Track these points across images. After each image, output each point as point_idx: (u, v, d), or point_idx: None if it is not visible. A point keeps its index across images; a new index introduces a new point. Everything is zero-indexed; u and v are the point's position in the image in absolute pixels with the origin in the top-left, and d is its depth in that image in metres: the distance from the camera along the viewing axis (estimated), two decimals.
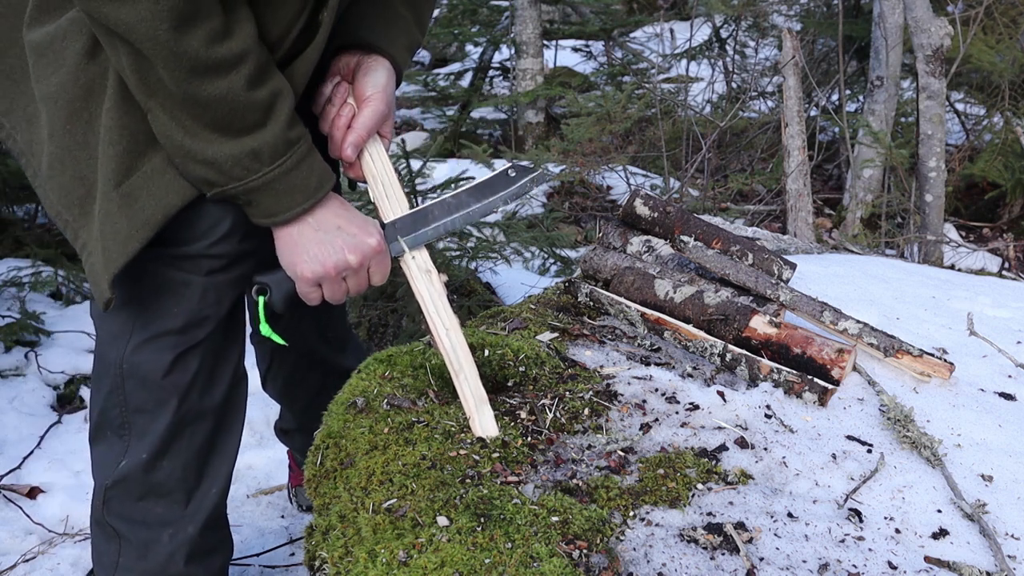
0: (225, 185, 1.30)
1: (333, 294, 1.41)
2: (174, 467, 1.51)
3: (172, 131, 1.26)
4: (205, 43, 1.20)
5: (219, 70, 1.22)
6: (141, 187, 1.32)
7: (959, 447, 1.47)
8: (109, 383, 1.49)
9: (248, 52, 1.25)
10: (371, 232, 1.40)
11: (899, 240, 4.01)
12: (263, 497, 2.51)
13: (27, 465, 2.61)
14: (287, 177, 1.31)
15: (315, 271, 1.37)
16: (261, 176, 1.30)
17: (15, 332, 3.18)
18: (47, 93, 1.33)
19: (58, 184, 1.35)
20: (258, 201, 1.32)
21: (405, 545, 1.19)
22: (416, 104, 6.70)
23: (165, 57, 1.18)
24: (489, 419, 1.40)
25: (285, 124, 1.30)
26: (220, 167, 1.28)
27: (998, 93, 5.02)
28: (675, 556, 1.18)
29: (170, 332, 1.45)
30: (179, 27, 1.17)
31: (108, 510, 1.53)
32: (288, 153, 1.30)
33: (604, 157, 4.75)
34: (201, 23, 1.19)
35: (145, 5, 1.15)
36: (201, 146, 1.26)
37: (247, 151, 1.27)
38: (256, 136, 1.27)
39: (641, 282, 1.77)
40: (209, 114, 1.24)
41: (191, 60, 1.19)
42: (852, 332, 1.67)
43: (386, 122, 1.50)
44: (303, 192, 1.33)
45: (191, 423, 1.51)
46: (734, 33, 5.95)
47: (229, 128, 1.26)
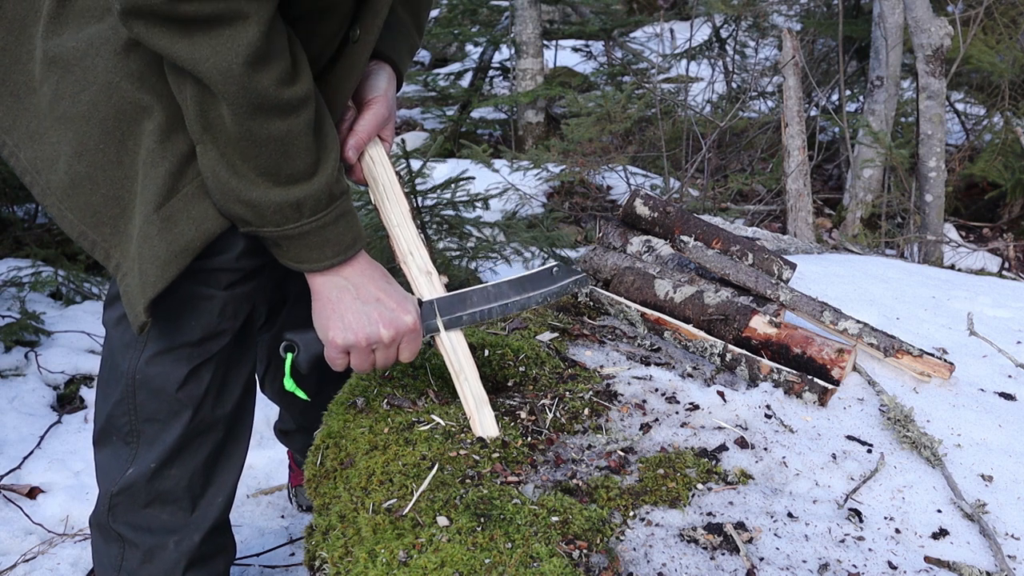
0: (260, 227, 1.29)
1: (359, 364, 1.39)
2: (181, 476, 1.51)
3: (220, 169, 1.25)
4: (275, 83, 1.19)
5: (283, 111, 1.22)
6: (181, 210, 1.30)
7: (959, 447, 1.47)
8: (119, 391, 1.47)
9: (310, 97, 1.25)
10: (408, 309, 1.38)
11: (899, 240, 4.01)
12: (263, 497, 2.51)
13: (27, 465, 2.61)
14: (323, 231, 1.30)
15: (347, 339, 1.35)
16: (298, 226, 1.29)
17: (15, 332, 3.18)
18: (76, 112, 1.30)
19: (85, 203, 1.33)
20: (288, 247, 1.31)
21: (405, 545, 1.19)
22: (416, 104, 6.71)
23: (235, 93, 1.17)
24: (489, 419, 1.40)
25: (331, 178, 1.29)
26: (260, 211, 1.27)
27: (998, 93, 5.02)
28: (675, 556, 1.18)
29: (186, 345, 1.43)
30: (254, 65, 1.16)
31: (113, 517, 1.53)
32: (329, 208, 1.30)
33: (604, 157, 4.76)
34: (274, 63, 1.19)
35: (222, 42, 1.14)
36: (246, 188, 1.25)
37: (291, 201, 1.26)
38: (303, 187, 1.27)
39: (641, 282, 1.77)
40: (263, 157, 1.23)
41: (259, 98, 1.19)
42: (852, 332, 1.67)
43: (387, 125, 1.50)
44: (335, 247, 1.32)
45: (202, 433, 1.50)
46: (734, 33, 5.95)
47: (278, 175, 1.25)
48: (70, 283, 3.62)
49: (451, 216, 3.62)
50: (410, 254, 1.48)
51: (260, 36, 1.15)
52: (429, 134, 6.28)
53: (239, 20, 1.14)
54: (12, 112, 1.37)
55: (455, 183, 3.57)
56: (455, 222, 3.62)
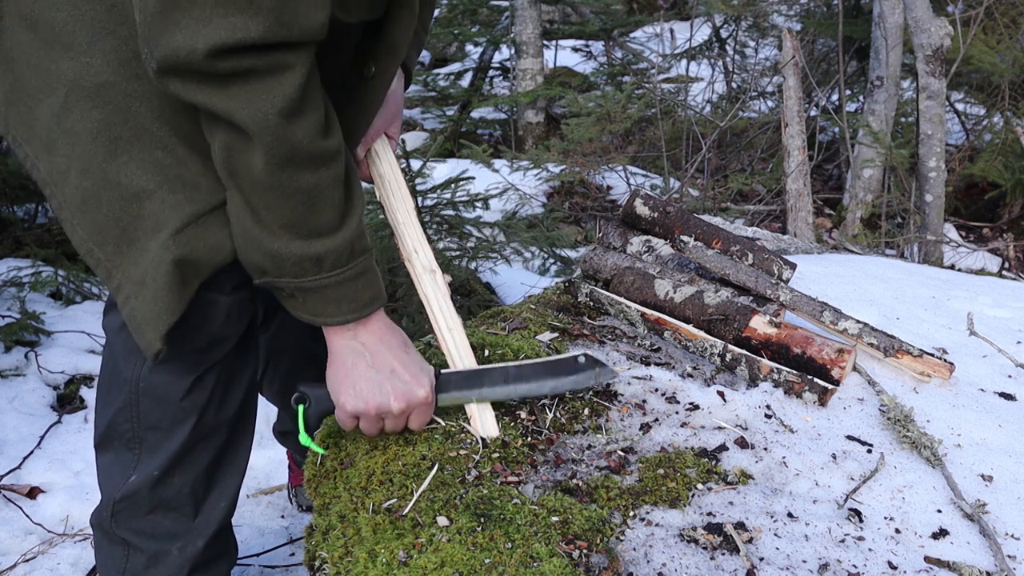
0: (279, 277, 1.28)
1: (367, 429, 1.38)
2: (184, 482, 1.51)
3: (243, 216, 1.24)
4: (310, 135, 1.18)
5: (315, 163, 1.21)
6: (198, 237, 1.29)
7: (959, 447, 1.47)
8: (122, 398, 1.47)
9: (342, 150, 1.25)
10: (423, 383, 1.36)
11: (899, 240, 4.01)
12: (263, 497, 2.51)
13: (27, 465, 2.61)
14: (341, 287, 1.29)
15: (356, 407, 1.34)
16: (317, 279, 1.27)
17: (15, 332, 3.18)
18: (83, 128, 1.29)
19: (92, 221, 1.32)
20: (304, 300, 1.30)
21: (405, 545, 1.19)
22: (416, 104, 6.71)
23: (269, 143, 1.16)
24: (490, 419, 1.40)
25: (355, 234, 1.28)
26: (280, 263, 1.26)
27: (998, 93, 5.02)
28: (675, 556, 1.18)
29: (191, 352, 1.42)
30: (289, 116, 1.15)
31: (117, 523, 1.52)
32: (349, 264, 1.28)
33: (604, 157, 4.76)
34: (309, 115, 1.18)
35: (260, 95, 1.13)
36: (268, 239, 1.24)
37: (312, 255, 1.25)
38: (325, 242, 1.25)
39: (641, 282, 1.77)
40: (288, 208, 1.22)
41: (292, 149, 1.17)
42: (852, 332, 1.67)
43: (394, 123, 1.49)
44: (351, 304, 1.31)
45: (204, 440, 1.50)
46: (734, 33, 5.95)
47: (301, 228, 1.24)
48: (70, 283, 3.62)
49: (451, 216, 3.62)
50: (415, 252, 1.48)
51: (298, 88, 1.15)
52: (429, 134, 6.28)
53: (278, 73, 1.13)
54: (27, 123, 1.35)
55: (455, 183, 3.57)
56: (455, 222, 3.62)
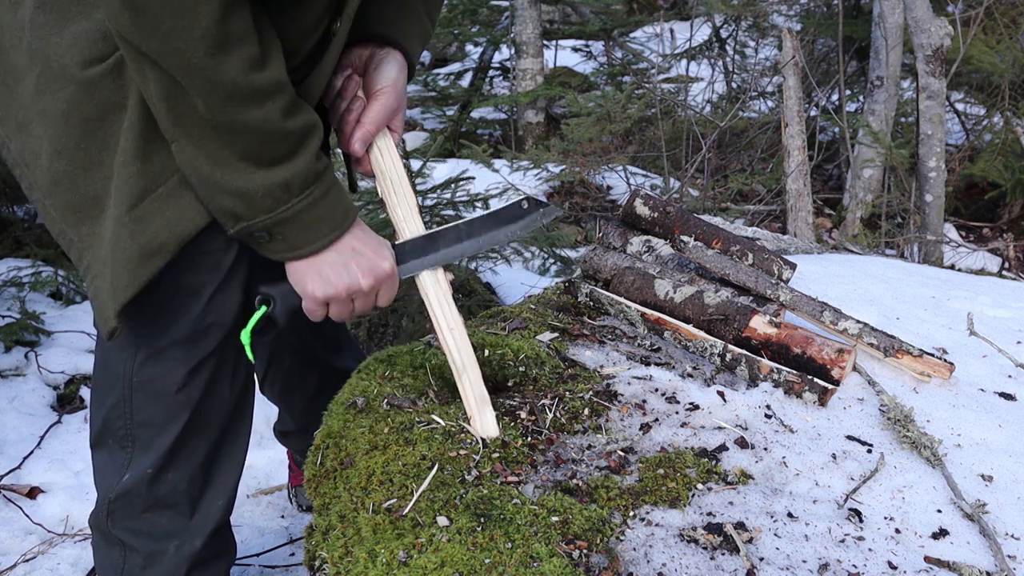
0: (253, 218, 1.26)
1: (339, 313, 1.38)
2: (179, 479, 1.50)
3: (199, 162, 1.22)
4: (243, 70, 1.16)
5: (257, 98, 1.19)
6: (155, 211, 1.28)
7: (959, 447, 1.47)
8: (116, 395, 1.46)
9: (283, 81, 1.23)
10: (385, 256, 1.37)
11: (899, 240, 4.01)
12: (263, 497, 2.51)
13: (27, 465, 2.61)
14: (315, 207, 1.28)
15: (326, 292, 1.34)
16: (291, 207, 1.26)
17: (15, 332, 3.18)
18: (56, 109, 1.28)
19: (64, 202, 1.31)
20: (284, 234, 1.29)
21: (405, 545, 1.19)
22: (416, 104, 6.71)
23: (201, 84, 1.15)
24: (490, 419, 1.40)
25: (315, 154, 1.27)
26: (250, 198, 1.24)
27: (998, 93, 5.02)
28: (675, 556, 1.18)
29: (178, 342, 1.42)
30: (215, 54, 1.13)
31: (113, 522, 1.52)
32: (316, 183, 1.27)
33: (604, 157, 4.76)
34: (237, 49, 1.15)
35: (179, 33, 1.11)
36: (231, 177, 1.22)
37: (278, 182, 1.24)
38: (287, 166, 1.24)
39: (641, 282, 1.77)
40: (242, 143, 1.21)
41: (228, 87, 1.16)
42: (852, 332, 1.67)
43: (396, 116, 1.48)
44: (329, 222, 1.31)
45: (198, 435, 1.49)
46: (734, 33, 5.95)
47: (260, 158, 1.22)
48: (70, 283, 3.62)
49: (451, 216, 3.62)
50: None
51: (215, 21, 1.12)
52: (429, 134, 6.28)
53: (192, 4, 1.10)
54: (4, 102, 1.34)
55: (455, 183, 3.58)
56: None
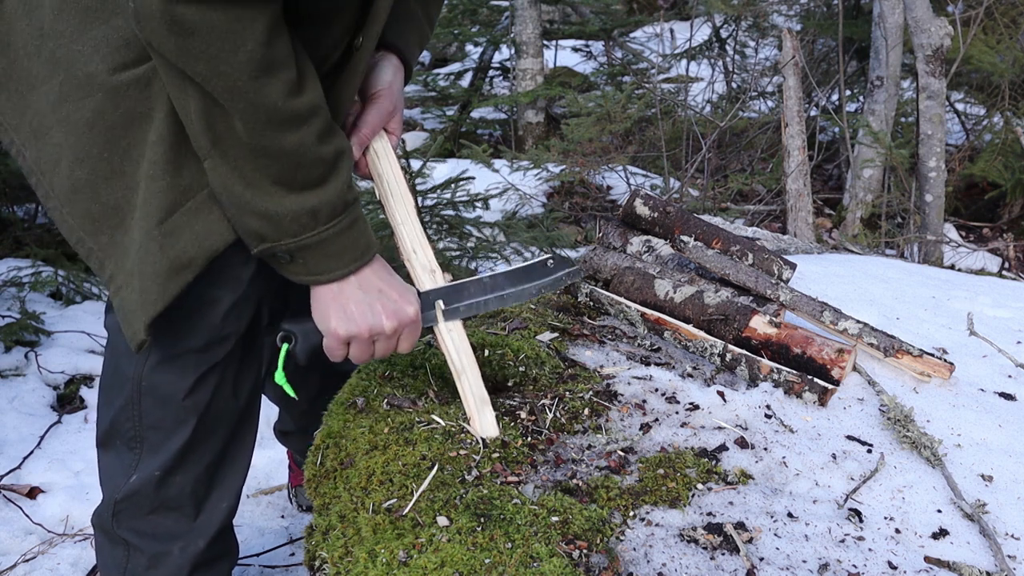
0: (278, 240, 1.27)
1: (359, 355, 1.37)
2: (185, 482, 1.50)
3: (231, 182, 1.23)
4: (283, 95, 1.17)
5: (294, 123, 1.20)
6: (184, 225, 1.28)
7: (959, 447, 1.47)
8: (124, 397, 1.46)
9: (320, 106, 1.24)
10: (410, 300, 1.37)
11: (899, 240, 4.01)
12: (263, 497, 2.51)
13: (27, 465, 2.61)
14: (339, 237, 1.29)
15: (349, 330, 1.33)
16: (316, 234, 1.26)
17: (15, 332, 3.18)
18: (79, 117, 1.28)
19: (84, 210, 1.30)
20: (306, 259, 1.29)
21: (405, 545, 1.19)
22: (416, 104, 6.71)
23: (244, 107, 1.15)
24: (490, 419, 1.40)
25: (345, 183, 1.28)
26: (277, 222, 1.25)
27: (998, 93, 5.02)
28: (675, 556, 1.18)
29: (191, 351, 1.42)
30: (259, 77, 1.14)
31: (118, 523, 1.52)
32: (344, 214, 1.28)
33: (604, 157, 4.76)
34: (279, 74, 1.17)
35: (225, 56, 1.12)
36: (261, 199, 1.23)
37: (307, 208, 1.24)
38: (318, 193, 1.25)
39: (641, 282, 1.77)
40: (276, 167, 1.21)
41: (269, 111, 1.17)
42: (852, 332, 1.67)
43: (392, 119, 1.48)
44: (352, 253, 1.31)
45: (206, 440, 1.50)
46: (734, 33, 5.95)
47: (292, 183, 1.23)
48: (70, 283, 3.62)
49: (451, 216, 3.62)
50: (414, 252, 1.48)
51: (261, 45, 1.13)
52: (429, 134, 6.28)
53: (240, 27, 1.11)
54: (18, 109, 1.34)
55: (455, 183, 3.58)
56: (455, 222, 3.63)
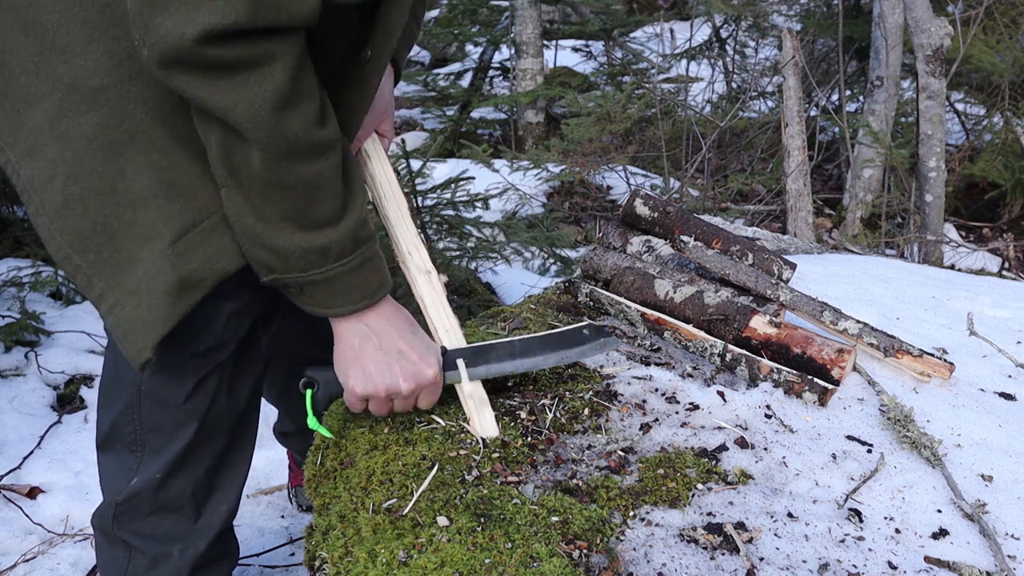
0: (285, 273, 1.27)
1: (377, 411, 1.39)
2: (186, 485, 1.51)
3: (244, 214, 1.23)
4: (305, 126, 1.17)
5: (313, 154, 1.20)
6: (197, 245, 1.28)
7: (959, 447, 1.47)
8: (124, 401, 1.46)
9: (339, 139, 1.24)
10: (431, 363, 1.36)
11: (899, 240, 4.01)
12: (263, 497, 2.51)
13: (27, 465, 2.61)
14: (348, 276, 1.29)
15: (366, 389, 1.34)
16: (323, 271, 1.27)
17: (15, 332, 3.18)
18: (79, 132, 1.27)
19: (73, 227, 1.29)
20: (313, 293, 1.30)
21: (405, 545, 1.19)
22: (416, 104, 6.71)
23: (264, 139, 1.15)
24: (489, 420, 1.40)
25: (357, 223, 1.28)
26: (285, 257, 1.25)
27: (998, 93, 5.02)
28: (675, 556, 1.18)
29: (192, 356, 1.42)
30: (282, 109, 1.14)
31: (118, 524, 1.53)
32: (354, 253, 1.28)
33: (604, 157, 4.76)
34: (302, 106, 1.17)
35: (250, 88, 1.11)
36: (270, 233, 1.23)
37: (316, 246, 1.25)
38: (328, 232, 1.25)
39: (641, 282, 1.77)
40: (288, 201, 1.21)
41: (289, 142, 1.17)
42: (852, 332, 1.67)
43: (384, 121, 1.48)
44: (360, 293, 1.31)
45: (207, 443, 1.50)
46: (734, 33, 5.95)
47: (303, 221, 1.23)
48: (70, 283, 3.62)
49: (451, 216, 3.62)
50: (409, 254, 1.48)
51: (288, 79, 1.13)
52: (429, 134, 6.27)
53: (267, 63, 1.12)
54: (14, 127, 1.33)
55: (455, 183, 3.58)
56: (455, 222, 3.62)
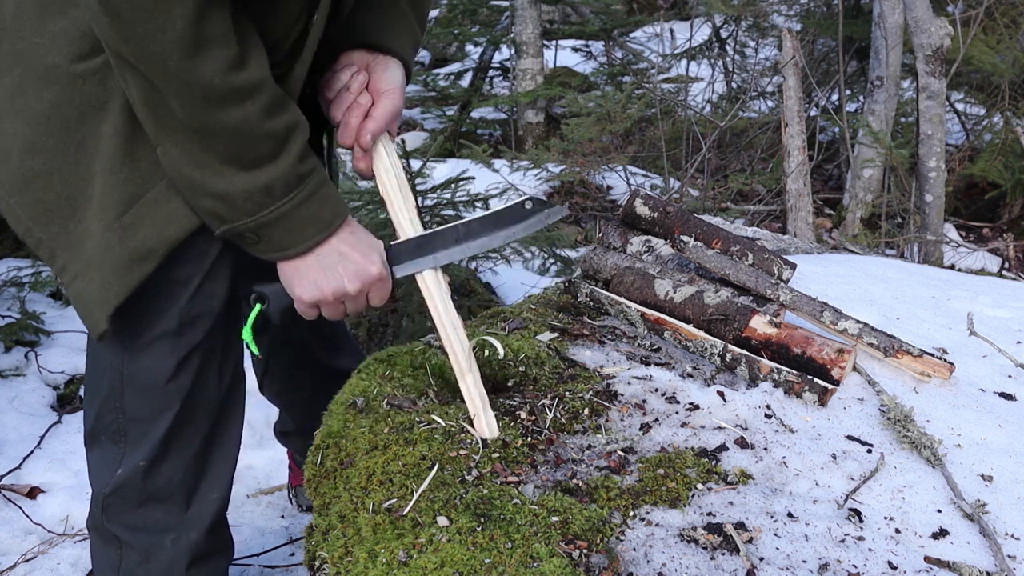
0: (236, 220, 1.27)
1: (331, 315, 1.39)
2: (173, 472, 1.50)
3: (182, 165, 1.23)
4: (220, 72, 1.16)
5: (235, 99, 1.19)
6: (144, 216, 1.29)
7: (959, 447, 1.47)
8: (106, 388, 1.46)
9: (264, 81, 1.23)
10: (373, 260, 1.37)
11: (899, 240, 4.01)
12: (263, 497, 2.51)
13: (27, 465, 2.61)
14: (298, 211, 1.28)
15: (312, 296, 1.35)
16: (273, 210, 1.27)
17: (15, 332, 3.18)
18: (37, 108, 1.28)
19: (34, 200, 1.30)
20: (269, 236, 1.29)
21: (405, 545, 1.19)
22: (416, 104, 6.70)
23: (177, 87, 1.15)
24: (491, 419, 1.40)
25: (297, 157, 1.27)
26: (232, 201, 1.25)
27: (998, 93, 5.02)
28: (675, 556, 1.18)
29: (166, 334, 1.42)
30: (191, 56, 1.14)
31: (107, 518, 1.52)
32: (300, 186, 1.28)
33: (604, 157, 4.76)
34: (213, 51, 1.16)
35: (152, 35, 1.11)
36: (212, 179, 1.23)
37: (260, 185, 1.24)
38: (268, 170, 1.24)
39: (641, 282, 1.77)
40: (221, 146, 1.21)
41: (204, 89, 1.16)
42: (852, 332, 1.67)
43: (396, 120, 1.50)
44: (316, 225, 1.31)
45: (190, 424, 1.49)
46: (734, 33, 5.95)
47: (241, 161, 1.23)
48: None
49: (451, 216, 3.62)
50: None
51: (190, 24, 1.12)
52: (429, 134, 6.27)
53: (163, 12, 1.10)
54: None
55: (455, 183, 3.57)
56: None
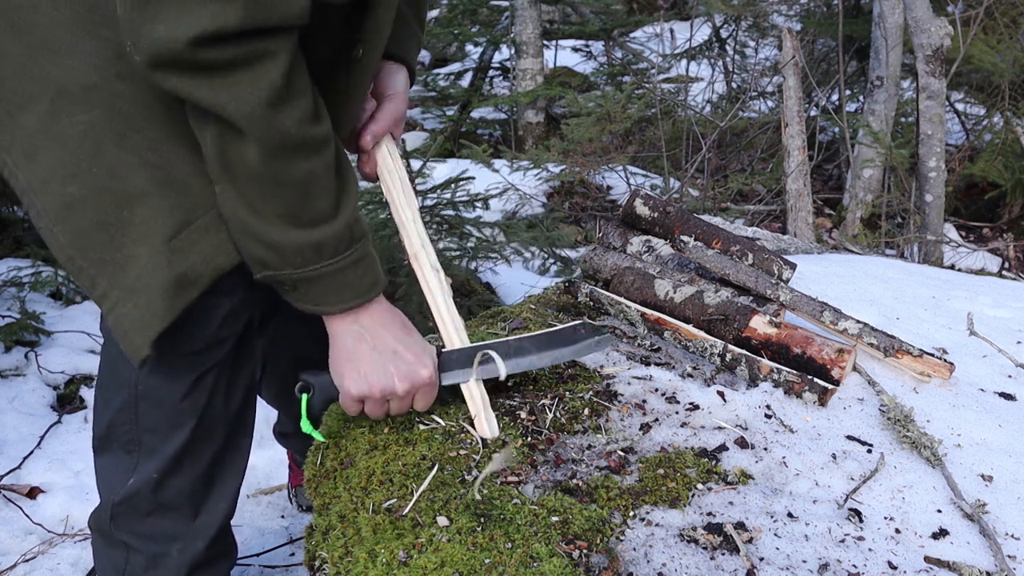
0: (279, 269, 1.28)
1: (372, 412, 1.39)
2: (183, 484, 1.51)
3: (239, 210, 1.24)
4: (298, 122, 1.18)
5: (307, 151, 1.21)
6: (194, 242, 1.29)
7: (959, 447, 1.47)
8: (121, 400, 1.46)
9: (331, 136, 1.25)
10: (425, 363, 1.37)
11: (899, 240, 4.01)
12: (263, 497, 2.51)
13: (27, 465, 2.61)
14: (342, 274, 1.30)
15: (361, 390, 1.35)
16: (318, 268, 1.28)
17: (15, 332, 3.18)
18: (72, 132, 1.27)
19: (74, 228, 1.30)
20: (307, 290, 1.30)
21: (405, 545, 1.19)
22: (416, 104, 6.71)
23: (260, 134, 1.16)
24: (492, 419, 1.40)
25: (351, 220, 1.29)
26: (281, 253, 1.26)
27: (998, 93, 5.02)
28: (675, 556, 1.18)
29: (189, 354, 1.42)
30: (276, 105, 1.15)
31: (116, 525, 1.52)
32: (349, 250, 1.29)
33: (604, 157, 4.76)
34: (296, 102, 1.18)
35: (244, 86, 1.13)
36: (266, 229, 1.24)
37: (311, 243, 1.26)
38: (323, 229, 1.26)
39: (641, 282, 1.77)
40: (283, 197, 1.22)
41: (283, 138, 1.18)
42: (852, 332, 1.67)
43: (400, 123, 1.51)
44: (354, 290, 1.32)
45: (203, 442, 1.50)
46: (734, 33, 5.95)
47: (298, 217, 1.24)
48: (70, 283, 3.62)
49: (451, 216, 3.62)
50: (421, 251, 1.49)
51: (282, 76, 1.15)
52: (429, 134, 6.28)
53: (260, 62, 1.13)
54: (8, 130, 1.33)
55: (455, 183, 3.58)
56: (455, 222, 3.62)
